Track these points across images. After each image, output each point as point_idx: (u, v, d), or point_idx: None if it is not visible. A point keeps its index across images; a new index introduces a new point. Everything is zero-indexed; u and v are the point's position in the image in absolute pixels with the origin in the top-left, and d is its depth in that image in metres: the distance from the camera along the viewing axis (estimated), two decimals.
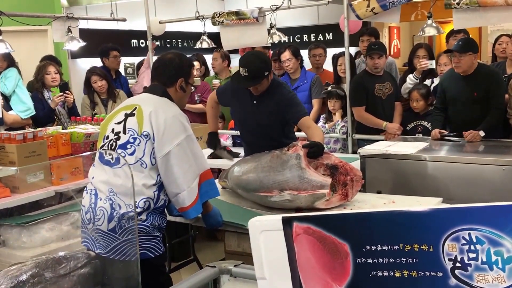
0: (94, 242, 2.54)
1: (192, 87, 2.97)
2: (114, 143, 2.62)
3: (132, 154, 2.55)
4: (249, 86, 3.52)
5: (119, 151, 2.58)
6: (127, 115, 2.66)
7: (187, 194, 2.60)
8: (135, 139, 2.57)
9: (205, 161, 2.74)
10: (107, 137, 2.67)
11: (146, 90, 2.92)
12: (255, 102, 3.59)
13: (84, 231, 2.63)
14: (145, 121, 2.57)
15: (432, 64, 4.92)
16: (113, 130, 2.66)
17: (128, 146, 2.57)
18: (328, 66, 5.97)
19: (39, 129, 4.02)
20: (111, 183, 2.52)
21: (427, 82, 4.94)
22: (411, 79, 4.98)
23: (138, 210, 2.50)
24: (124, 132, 2.60)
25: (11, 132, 3.65)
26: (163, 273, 2.81)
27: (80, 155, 3.86)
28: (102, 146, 2.68)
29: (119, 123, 2.66)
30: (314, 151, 3.03)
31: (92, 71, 5.76)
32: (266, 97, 3.55)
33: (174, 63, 2.81)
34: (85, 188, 2.67)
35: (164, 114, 2.58)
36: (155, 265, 2.61)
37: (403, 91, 5.00)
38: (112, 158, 2.58)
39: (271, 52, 6.38)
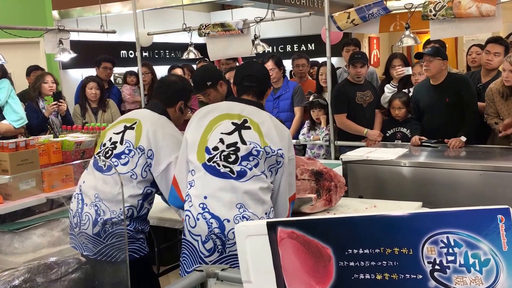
0: (81, 244, 2.64)
1: (189, 110, 3.06)
2: (110, 152, 2.72)
3: (125, 164, 2.65)
4: (194, 94, 3.52)
5: (114, 159, 2.68)
6: (126, 127, 2.76)
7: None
8: (130, 150, 2.67)
9: None
10: (104, 145, 2.77)
11: (146, 106, 3.03)
12: None
13: (71, 233, 2.73)
14: (143, 136, 2.68)
15: (408, 70, 4.99)
16: (110, 139, 2.76)
17: (123, 156, 2.67)
18: None
19: (31, 137, 4.06)
20: (99, 188, 2.62)
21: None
22: (389, 88, 5.06)
23: (121, 217, 2.58)
24: (121, 143, 2.71)
25: (4, 141, 3.67)
26: (150, 274, 2.87)
27: (71, 163, 3.88)
28: (99, 153, 2.79)
29: (117, 133, 2.76)
30: None
31: (90, 79, 5.87)
32: None
33: (177, 86, 2.93)
34: (74, 192, 2.77)
35: (162, 132, 2.69)
36: (140, 266, 2.68)
37: (383, 100, 5.05)
38: (104, 165, 2.68)
39: None
